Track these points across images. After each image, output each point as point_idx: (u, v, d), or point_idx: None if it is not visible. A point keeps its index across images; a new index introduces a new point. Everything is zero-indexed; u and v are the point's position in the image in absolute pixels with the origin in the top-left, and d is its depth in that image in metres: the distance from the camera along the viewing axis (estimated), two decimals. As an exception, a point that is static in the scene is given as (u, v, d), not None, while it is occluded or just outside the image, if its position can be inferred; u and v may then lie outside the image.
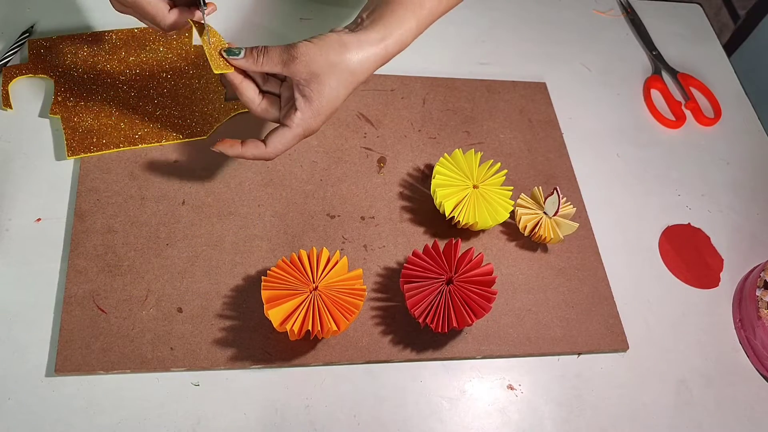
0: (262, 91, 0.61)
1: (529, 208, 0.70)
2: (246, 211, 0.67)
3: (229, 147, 0.60)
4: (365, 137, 0.75)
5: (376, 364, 0.62)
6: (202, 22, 0.59)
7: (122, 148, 0.68)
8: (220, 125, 0.72)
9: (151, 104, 0.72)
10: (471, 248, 0.63)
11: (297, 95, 0.58)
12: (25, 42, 0.74)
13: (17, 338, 0.58)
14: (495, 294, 0.61)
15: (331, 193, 0.70)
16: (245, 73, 0.60)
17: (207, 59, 0.58)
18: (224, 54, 0.58)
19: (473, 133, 0.79)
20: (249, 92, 0.60)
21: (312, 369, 0.61)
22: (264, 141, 0.60)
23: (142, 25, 0.77)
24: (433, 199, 0.70)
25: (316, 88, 0.57)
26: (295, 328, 0.56)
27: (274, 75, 0.61)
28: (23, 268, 0.61)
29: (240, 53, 0.58)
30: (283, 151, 0.60)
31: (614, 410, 0.64)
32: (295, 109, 0.58)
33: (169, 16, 0.58)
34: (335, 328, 0.57)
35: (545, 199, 0.69)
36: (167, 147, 0.70)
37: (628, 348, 0.67)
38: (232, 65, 0.58)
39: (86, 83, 0.71)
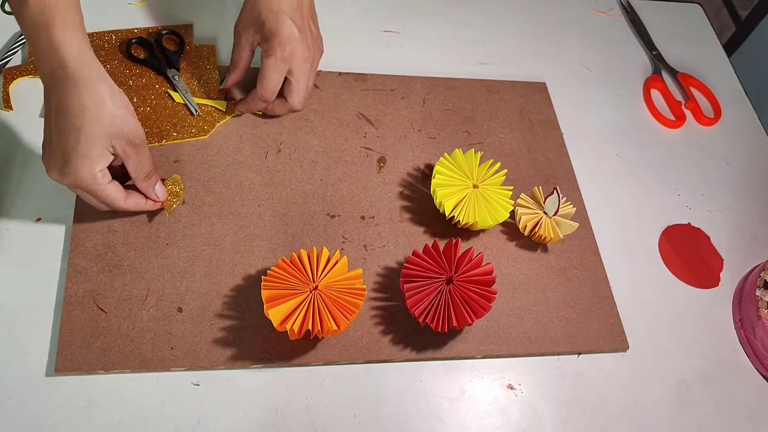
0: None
1: (529, 208, 0.70)
2: (246, 211, 0.67)
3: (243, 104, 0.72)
4: (365, 137, 0.75)
5: (376, 363, 0.62)
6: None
7: (122, 148, 0.68)
8: (220, 125, 0.72)
9: (151, 105, 0.72)
10: (471, 248, 0.63)
11: None
12: (25, 42, 0.74)
13: (17, 338, 0.58)
14: (495, 294, 0.61)
15: (331, 193, 0.70)
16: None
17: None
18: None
19: (473, 133, 0.79)
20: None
21: (312, 369, 0.61)
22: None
23: (142, 25, 0.77)
24: (433, 199, 0.70)
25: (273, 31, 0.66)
26: (295, 328, 0.56)
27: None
28: (23, 268, 0.61)
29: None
30: (276, 84, 0.68)
31: (614, 410, 0.64)
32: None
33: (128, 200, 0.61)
34: (335, 327, 0.57)
35: (545, 198, 0.69)
36: (167, 147, 0.70)
37: (628, 348, 0.67)
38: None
39: (86, 83, 0.71)
